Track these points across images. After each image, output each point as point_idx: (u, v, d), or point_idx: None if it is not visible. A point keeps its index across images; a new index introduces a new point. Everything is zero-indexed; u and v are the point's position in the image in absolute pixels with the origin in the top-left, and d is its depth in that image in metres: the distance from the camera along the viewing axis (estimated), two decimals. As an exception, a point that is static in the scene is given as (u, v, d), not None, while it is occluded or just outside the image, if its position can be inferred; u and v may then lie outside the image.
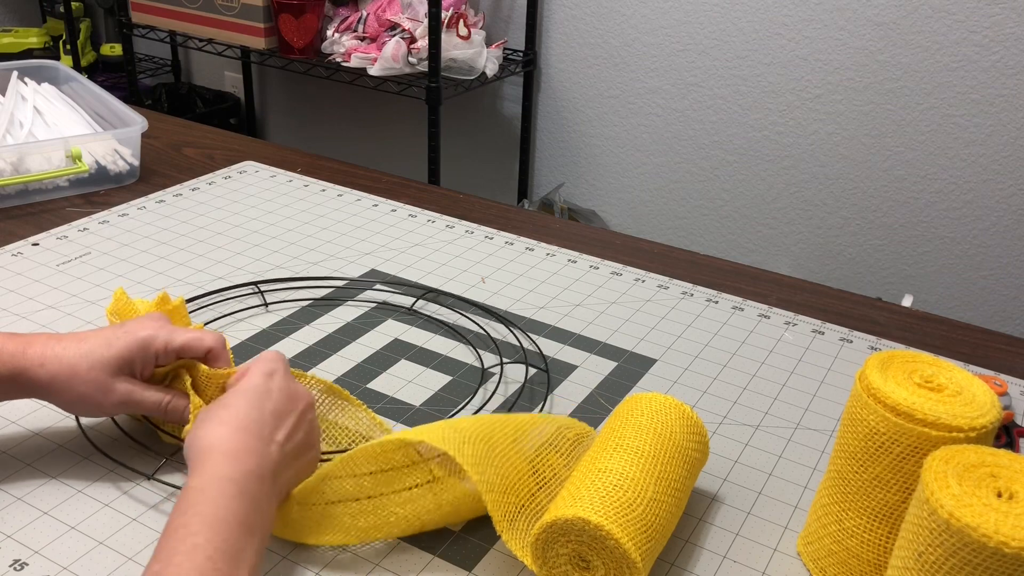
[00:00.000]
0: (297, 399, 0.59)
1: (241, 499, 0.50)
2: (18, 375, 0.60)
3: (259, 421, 0.55)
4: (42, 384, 0.60)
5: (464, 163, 2.42)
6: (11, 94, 1.19)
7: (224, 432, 0.54)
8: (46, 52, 2.74)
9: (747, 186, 2.04)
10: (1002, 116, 1.72)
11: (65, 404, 0.62)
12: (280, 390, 0.58)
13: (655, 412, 0.62)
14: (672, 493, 0.58)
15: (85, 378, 0.60)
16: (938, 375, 0.55)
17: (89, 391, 0.60)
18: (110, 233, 1.02)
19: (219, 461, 0.52)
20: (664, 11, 1.99)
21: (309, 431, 0.59)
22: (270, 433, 0.55)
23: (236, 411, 0.55)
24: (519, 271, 0.98)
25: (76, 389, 0.60)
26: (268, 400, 0.57)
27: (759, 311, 0.93)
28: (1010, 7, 1.65)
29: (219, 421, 0.55)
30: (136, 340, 0.61)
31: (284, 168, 1.23)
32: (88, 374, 0.60)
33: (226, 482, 0.51)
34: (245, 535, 0.49)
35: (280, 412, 0.57)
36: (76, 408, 0.63)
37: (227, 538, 0.48)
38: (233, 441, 0.53)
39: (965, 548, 0.44)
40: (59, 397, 0.61)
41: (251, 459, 0.53)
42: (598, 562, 0.54)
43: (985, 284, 1.85)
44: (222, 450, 0.53)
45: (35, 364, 0.60)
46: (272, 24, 2.10)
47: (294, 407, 0.58)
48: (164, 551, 0.47)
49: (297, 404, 0.59)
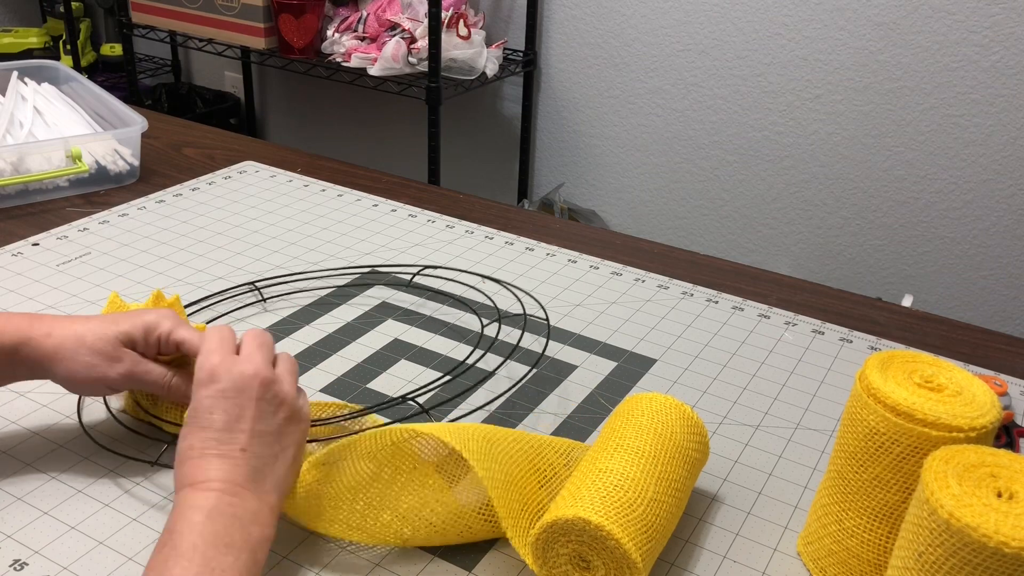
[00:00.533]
0: (245, 389, 0.56)
1: (212, 522, 0.50)
2: (24, 343, 0.60)
3: (212, 440, 0.54)
4: (47, 353, 0.60)
5: (464, 163, 2.42)
6: (11, 94, 1.19)
7: (184, 469, 0.53)
8: (46, 52, 2.74)
9: (747, 186, 2.04)
10: (1002, 116, 1.72)
11: (69, 376, 0.61)
12: (223, 392, 0.55)
13: (655, 412, 0.62)
14: (672, 493, 0.58)
15: (92, 347, 0.60)
16: (938, 375, 0.55)
17: (95, 360, 0.60)
18: (110, 233, 1.02)
19: (185, 495, 0.52)
20: (664, 11, 1.99)
21: (278, 408, 0.57)
22: (228, 448, 0.54)
23: (189, 442, 0.54)
24: (519, 271, 0.98)
25: (82, 358, 0.60)
26: (215, 413, 0.55)
27: (759, 311, 0.93)
28: (1010, 7, 1.65)
29: (180, 460, 0.54)
30: (142, 322, 0.62)
31: (284, 168, 1.23)
32: (95, 343, 0.61)
33: (194, 511, 0.51)
34: (223, 554, 0.49)
35: (232, 418, 0.55)
36: (80, 381, 0.62)
37: (203, 563, 0.48)
38: (194, 472, 0.53)
39: (965, 548, 0.44)
40: (64, 366, 0.61)
41: (214, 481, 0.52)
42: (598, 562, 0.54)
43: (985, 284, 1.85)
44: (184, 482, 0.53)
45: (41, 334, 0.61)
46: (272, 24, 2.11)
47: (246, 398, 0.55)
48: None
49: (248, 393, 0.56)
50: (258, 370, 0.57)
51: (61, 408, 0.71)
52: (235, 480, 0.53)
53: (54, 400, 0.72)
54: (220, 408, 0.55)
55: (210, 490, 0.52)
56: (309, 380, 0.77)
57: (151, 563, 0.49)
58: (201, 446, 0.54)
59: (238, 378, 0.56)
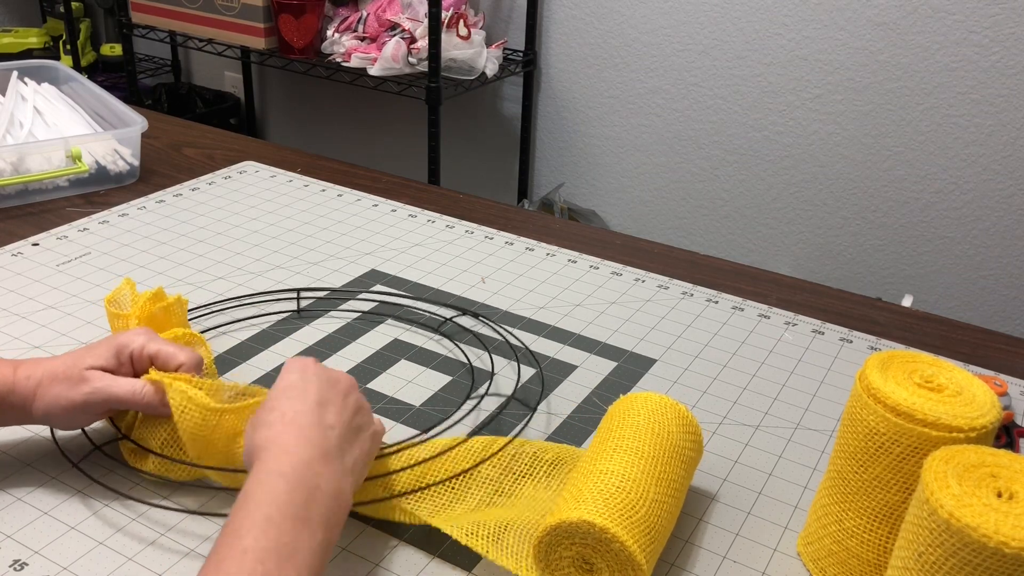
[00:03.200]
0: (337, 384, 0.58)
1: (293, 493, 0.49)
2: (10, 392, 0.62)
3: (305, 412, 0.54)
4: (28, 396, 0.62)
5: (464, 163, 2.42)
6: (11, 94, 1.19)
7: (271, 432, 0.53)
8: (46, 52, 2.74)
9: (747, 186, 2.04)
10: (1002, 116, 1.72)
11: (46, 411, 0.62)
12: (317, 378, 0.57)
13: (652, 412, 0.62)
14: (672, 493, 0.58)
15: (62, 376, 0.61)
16: (938, 375, 0.55)
17: (63, 389, 0.61)
18: (110, 233, 1.02)
19: (267, 458, 0.51)
20: (664, 11, 1.99)
21: (358, 410, 0.59)
22: (319, 420, 0.54)
23: (280, 410, 0.55)
24: (519, 271, 0.98)
25: (53, 389, 0.61)
26: (309, 391, 0.56)
27: (759, 311, 0.93)
28: (1010, 7, 1.65)
29: (265, 424, 0.54)
30: (113, 344, 0.63)
31: (284, 168, 1.23)
32: (65, 372, 0.62)
33: (275, 477, 0.50)
34: (299, 529, 0.48)
35: (324, 400, 0.56)
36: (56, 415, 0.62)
37: (277, 537, 0.47)
38: (282, 436, 0.53)
39: (965, 548, 0.44)
40: (40, 404, 0.61)
41: (303, 449, 0.52)
42: (602, 564, 0.54)
43: (985, 284, 1.85)
44: (271, 447, 0.52)
45: (22, 377, 0.62)
46: (272, 24, 2.10)
47: (336, 391, 0.58)
48: (214, 558, 0.47)
49: (338, 388, 0.58)
50: (349, 377, 0.60)
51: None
52: (324, 448, 0.53)
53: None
54: (314, 387, 0.56)
55: (298, 458, 0.51)
56: (309, 380, 0.77)
57: (225, 525, 0.48)
58: (292, 414, 0.54)
59: (331, 373, 0.59)
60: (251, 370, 0.78)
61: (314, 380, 0.57)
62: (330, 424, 0.55)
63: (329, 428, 0.54)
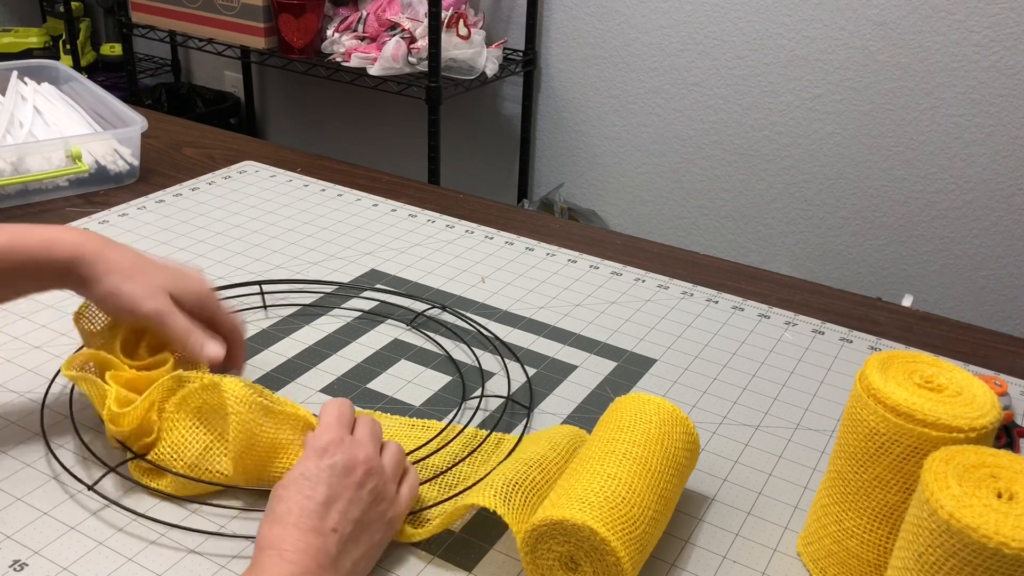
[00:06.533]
0: (352, 472, 0.57)
1: None
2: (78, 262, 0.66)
3: (310, 513, 0.54)
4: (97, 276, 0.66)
5: (464, 163, 2.42)
6: (11, 94, 1.19)
7: (277, 531, 0.54)
8: (46, 52, 2.74)
9: (747, 186, 2.04)
10: (1002, 116, 1.72)
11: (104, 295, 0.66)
12: (331, 470, 0.57)
13: (662, 422, 0.61)
14: (666, 512, 0.59)
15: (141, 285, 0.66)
16: (938, 375, 0.55)
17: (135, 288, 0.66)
18: (110, 233, 1.02)
19: (265, 563, 0.52)
20: (664, 11, 1.99)
21: (375, 500, 0.58)
22: (321, 524, 0.54)
23: (288, 505, 0.55)
24: (519, 271, 0.98)
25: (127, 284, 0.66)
26: (320, 486, 0.56)
27: (759, 311, 0.93)
28: (1010, 7, 1.65)
29: (274, 519, 0.54)
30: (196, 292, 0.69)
31: (284, 168, 1.23)
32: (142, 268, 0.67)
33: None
34: None
35: (333, 497, 0.56)
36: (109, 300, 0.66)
37: None
38: (284, 541, 0.53)
39: (965, 549, 0.44)
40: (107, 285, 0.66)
41: (300, 557, 0.52)
42: (588, 569, 0.54)
43: (985, 284, 1.85)
44: (270, 551, 0.53)
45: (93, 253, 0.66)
46: (272, 24, 2.10)
47: (350, 482, 0.57)
48: None
49: (353, 477, 0.57)
50: (368, 457, 0.58)
51: (61, 408, 0.71)
52: (319, 559, 0.53)
53: (53, 400, 0.72)
54: (326, 483, 0.56)
55: (295, 564, 0.52)
56: (309, 380, 0.77)
57: None
58: (299, 513, 0.54)
59: (350, 460, 0.57)
60: (251, 370, 0.78)
61: (327, 473, 0.56)
62: (332, 527, 0.54)
63: (331, 532, 0.54)
